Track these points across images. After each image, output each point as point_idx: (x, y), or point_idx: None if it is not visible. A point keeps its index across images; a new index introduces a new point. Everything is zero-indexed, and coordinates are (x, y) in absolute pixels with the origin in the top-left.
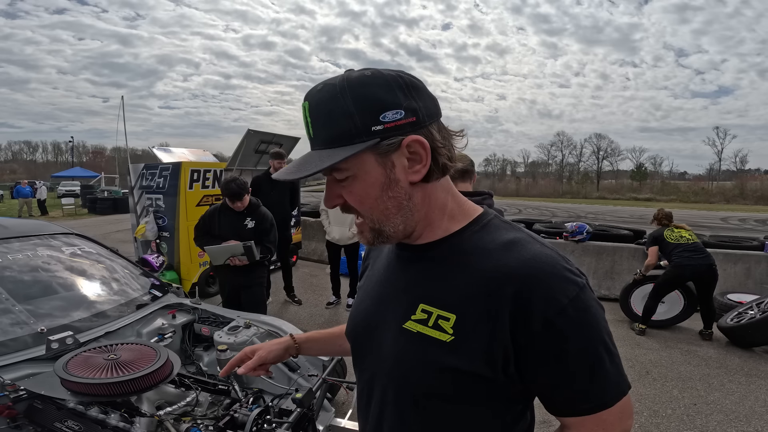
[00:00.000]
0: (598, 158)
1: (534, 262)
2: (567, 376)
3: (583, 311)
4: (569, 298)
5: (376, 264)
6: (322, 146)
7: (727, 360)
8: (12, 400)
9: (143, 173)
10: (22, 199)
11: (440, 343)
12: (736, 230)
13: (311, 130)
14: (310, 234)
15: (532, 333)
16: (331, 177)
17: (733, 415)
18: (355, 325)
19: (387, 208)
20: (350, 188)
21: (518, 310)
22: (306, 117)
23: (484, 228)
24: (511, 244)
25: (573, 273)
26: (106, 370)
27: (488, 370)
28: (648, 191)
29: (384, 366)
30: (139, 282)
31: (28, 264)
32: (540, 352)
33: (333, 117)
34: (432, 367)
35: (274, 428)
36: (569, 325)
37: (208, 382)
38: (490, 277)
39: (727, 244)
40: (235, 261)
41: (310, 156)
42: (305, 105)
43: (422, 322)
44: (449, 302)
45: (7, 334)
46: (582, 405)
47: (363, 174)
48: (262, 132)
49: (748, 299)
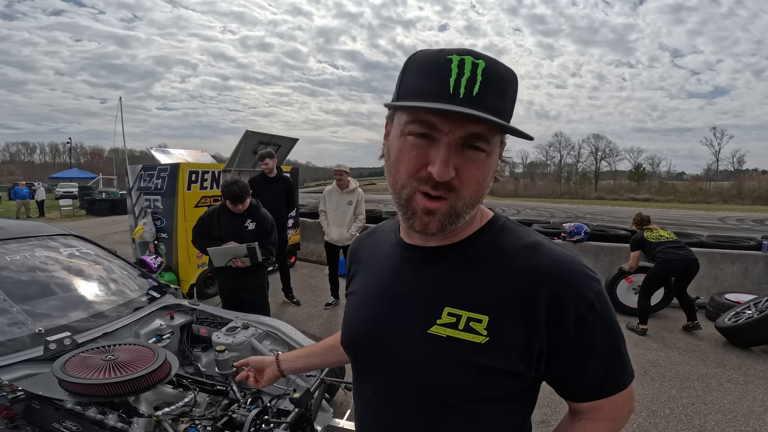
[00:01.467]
0: (596, 159)
1: (563, 263)
2: (594, 365)
3: (605, 305)
4: (595, 294)
5: (371, 269)
6: (489, 111)
7: (725, 360)
8: (10, 401)
9: (141, 174)
10: (20, 200)
11: (475, 345)
12: (734, 230)
13: (477, 88)
14: (309, 235)
15: (567, 329)
16: (461, 143)
17: (731, 414)
18: (360, 333)
19: (482, 197)
20: (479, 164)
21: (553, 308)
22: (474, 73)
23: (501, 230)
24: (535, 245)
25: (591, 271)
26: (104, 371)
27: (523, 368)
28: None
29: (407, 372)
30: (137, 283)
31: (26, 265)
32: (572, 346)
33: (506, 94)
34: (468, 369)
35: (272, 428)
36: (598, 318)
37: (206, 382)
38: (521, 278)
39: (725, 244)
40: (238, 263)
41: (481, 112)
42: (479, 63)
43: (451, 325)
44: (479, 304)
45: (4, 335)
46: (603, 390)
47: (494, 155)
48: (260, 133)
49: (745, 299)
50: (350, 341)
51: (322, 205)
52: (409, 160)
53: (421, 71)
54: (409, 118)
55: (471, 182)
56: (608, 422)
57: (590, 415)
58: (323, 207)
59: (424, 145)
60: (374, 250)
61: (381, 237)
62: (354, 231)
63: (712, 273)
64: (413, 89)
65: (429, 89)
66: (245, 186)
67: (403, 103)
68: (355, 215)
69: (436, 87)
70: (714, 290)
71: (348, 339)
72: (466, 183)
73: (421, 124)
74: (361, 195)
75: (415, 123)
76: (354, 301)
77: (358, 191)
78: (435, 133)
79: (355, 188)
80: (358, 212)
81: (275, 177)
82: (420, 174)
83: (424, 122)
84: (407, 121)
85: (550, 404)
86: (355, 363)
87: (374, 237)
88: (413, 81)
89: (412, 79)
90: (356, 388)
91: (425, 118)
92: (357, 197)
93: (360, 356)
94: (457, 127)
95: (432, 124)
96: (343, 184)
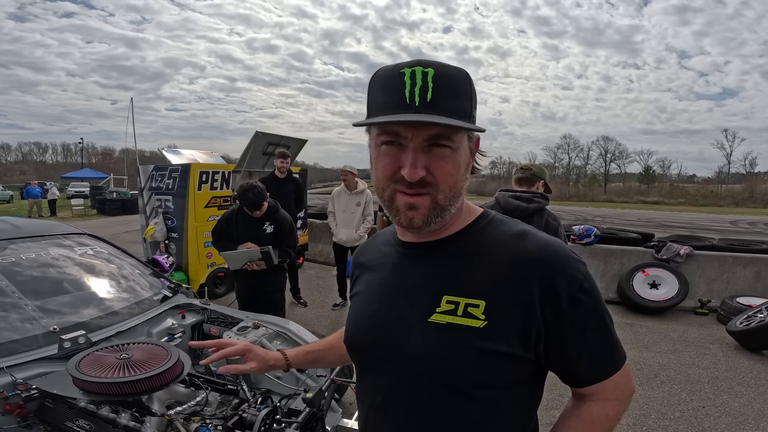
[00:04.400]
0: (605, 161)
1: (549, 248)
2: (590, 344)
3: (593, 285)
4: (583, 275)
5: (374, 269)
6: (443, 114)
7: (735, 363)
8: (23, 399)
9: (153, 174)
10: (32, 199)
11: (473, 329)
12: (746, 233)
13: (429, 94)
14: (317, 236)
15: (561, 309)
16: (426, 145)
17: (742, 417)
18: (363, 330)
19: (461, 188)
20: (447, 160)
21: (545, 289)
22: (425, 81)
23: (491, 223)
24: (523, 233)
25: (576, 253)
26: (118, 370)
27: (522, 350)
28: (656, 194)
29: (412, 362)
30: (149, 282)
31: (41, 263)
32: (567, 325)
33: (459, 94)
34: (469, 353)
35: (284, 428)
36: (588, 298)
37: (217, 382)
38: (512, 263)
39: (737, 248)
40: (253, 266)
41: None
42: (428, 71)
43: (450, 312)
44: (475, 290)
45: (19, 333)
46: (602, 370)
47: (461, 150)
48: (270, 134)
49: (757, 302)
50: (354, 338)
51: (330, 206)
52: (384, 166)
53: (383, 87)
54: (379, 131)
55: (444, 175)
56: (614, 402)
57: (595, 397)
58: (332, 208)
59: (395, 151)
60: (376, 252)
61: (382, 240)
62: (362, 232)
63: (723, 276)
64: (378, 104)
65: (390, 102)
66: (261, 191)
67: (366, 121)
68: (364, 216)
69: (395, 99)
70: (725, 294)
71: (351, 336)
72: (440, 177)
73: (389, 134)
74: (370, 196)
75: (383, 134)
76: (357, 301)
77: (367, 192)
78: (402, 140)
79: (364, 189)
80: (367, 213)
81: (285, 178)
82: (395, 176)
83: (390, 132)
84: (377, 133)
85: (558, 406)
86: (360, 360)
87: (375, 241)
88: (377, 97)
89: (377, 95)
90: (361, 386)
91: (390, 129)
92: (365, 198)
93: (364, 352)
94: (418, 132)
95: (397, 132)
96: (350, 184)
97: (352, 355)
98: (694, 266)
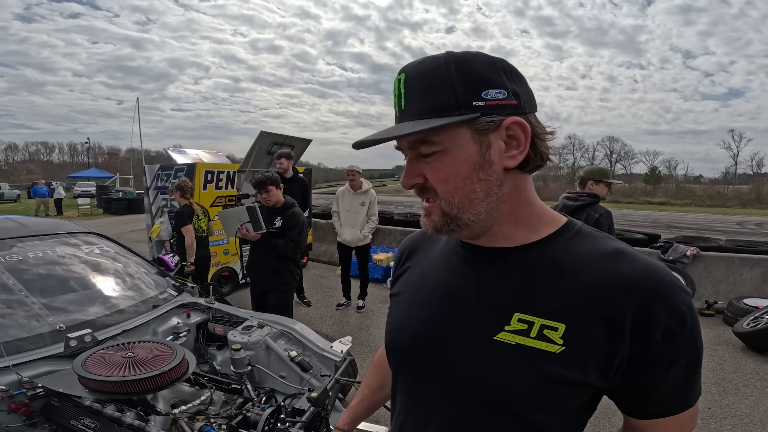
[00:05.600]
0: (610, 161)
1: (654, 273)
2: (672, 380)
3: (694, 319)
4: (687, 306)
5: (427, 267)
6: (414, 117)
7: (742, 364)
8: (29, 398)
9: (159, 174)
10: (39, 198)
11: (548, 354)
12: (753, 235)
13: (403, 102)
14: (321, 235)
15: (652, 342)
16: (415, 152)
17: (748, 419)
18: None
19: (474, 191)
20: (437, 164)
21: (640, 318)
22: (399, 89)
23: (577, 235)
24: (620, 253)
25: (682, 282)
26: (123, 368)
27: (598, 379)
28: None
29: (468, 380)
30: (155, 281)
31: (48, 262)
32: (654, 359)
33: (433, 87)
34: (538, 379)
35: (288, 427)
36: (686, 332)
37: (222, 381)
38: (604, 285)
39: (744, 249)
40: (244, 231)
41: (401, 124)
42: (401, 77)
43: (522, 333)
44: (554, 311)
45: (26, 331)
46: (673, 406)
47: (456, 149)
48: (274, 134)
49: (764, 304)
50: (399, 345)
51: (335, 206)
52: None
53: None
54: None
55: (437, 181)
56: None
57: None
58: (336, 208)
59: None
60: (431, 248)
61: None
62: (366, 232)
63: (730, 278)
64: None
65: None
66: (270, 177)
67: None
68: (368, 216)
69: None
70: (732, 295)
71: (395, 342)
72: (435, 183)
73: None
74: (374, 196)
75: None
76: (403, 302)
77: (371, 192)
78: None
79: (368, 189)
80: (371, 213)
81: (291, 178)
82: None
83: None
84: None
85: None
86: (402, 369)
87: (432, 236)
88: None
89: None
90: (399, 396)
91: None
92: (370, 198)
93: (410, 360)
94: (402, 143)
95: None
96: (355, 184)
97: (392, 358)
98: (701, 267)
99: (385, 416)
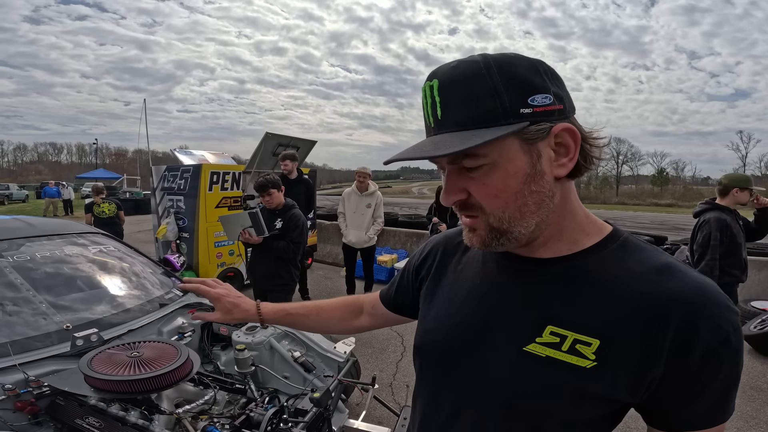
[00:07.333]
0: (617, 163)
1: (703, 291)
2: (705, 398)
3: (739, 340)
4: (733, 327)
5: (461, 272)
6: (455, 128)
7: (749, 367)
8: (35, 397)
9: (165, 175)
10: (49, 198)
11: (578, 369)
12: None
13: (439, 111)
14: (326, 237)
15: (690, 360)
16: (456, 167)
17: (754, 422)
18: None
19: (526, 204)
20: (484, 179)
21: (681, 336)
22: (433, 96)
23: (622, 247)
24: (668, 267)
25: (730, 301)
26: (129, 368)
27: (628, 396)
28: (669, 197)
29: (494, 388)
30: (161, 281)
31: (55, 262)
32: (690, 378)
33: (474, 94)
34: (566, 393)
35: (290, 428)
36: (728, 353)
37: (225, 380)
38: (649, 303)
39: (752, 251)
40: (246, 236)
41: (440, 137)
42: (433, 84)
43: (553, 345)
44: (589, 326)
45: (33, 330)
46: (702, 423)
47: (505, 162)
48: (279, 135)
49: None
50: (428, 346)
51: (341, 207)
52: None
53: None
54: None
55: (485, 197)
56: None
57: None
58: (342, 209)
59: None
60: (465, 252)
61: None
62: (372, 234)
63: None
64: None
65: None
66: (271, 179)
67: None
68: (374, 218)
69: (425, 122)
70: (740, 297)
71: (425, 343)
72: (482, 199)
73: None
74: (380, 198)
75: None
76: (435, 306)
77: (377, 194)
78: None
79: (374, 191)
80: (377, 215)
81: (296, 179)
82: None
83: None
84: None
85: None
86: (429, 369)
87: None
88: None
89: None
90: (422, 395)
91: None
92: (376, 200)
93: (436, 363)
94: (440, 158)
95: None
96: (363, 186)
97: (419, 358)
98: None
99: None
